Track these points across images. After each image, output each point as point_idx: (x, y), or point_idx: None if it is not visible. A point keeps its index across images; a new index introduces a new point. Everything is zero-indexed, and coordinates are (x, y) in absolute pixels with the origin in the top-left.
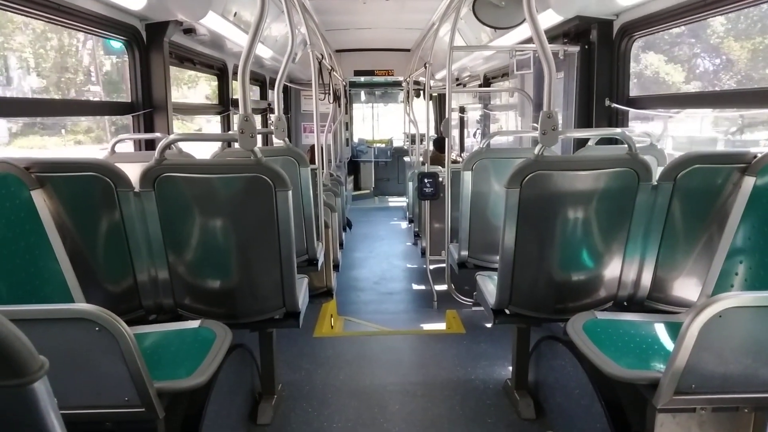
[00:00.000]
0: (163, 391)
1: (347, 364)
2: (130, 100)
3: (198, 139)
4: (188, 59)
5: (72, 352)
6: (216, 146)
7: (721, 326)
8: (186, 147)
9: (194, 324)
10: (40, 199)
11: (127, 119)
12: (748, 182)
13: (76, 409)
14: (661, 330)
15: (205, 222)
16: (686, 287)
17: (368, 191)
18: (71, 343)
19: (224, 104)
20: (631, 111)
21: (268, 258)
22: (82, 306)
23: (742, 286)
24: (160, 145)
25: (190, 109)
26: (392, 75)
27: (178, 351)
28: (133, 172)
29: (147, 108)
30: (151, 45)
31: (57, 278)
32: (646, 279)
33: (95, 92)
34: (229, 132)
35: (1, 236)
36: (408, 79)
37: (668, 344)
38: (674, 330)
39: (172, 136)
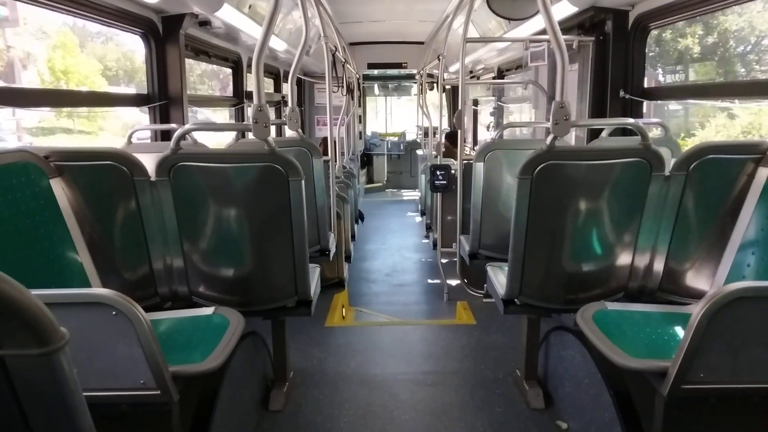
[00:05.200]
0: (177, 374)
1: (358, 353)
2: (146, 92)
3: (212, 129)
4: (203, 52)
5: (89, 336)
6: (230, 138)
7: (731, 316)
8: (200, 139)
9: (208, 311)
10: (58, 187)
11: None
12: (762, 173)
13: (93, 391)
14: (671, 320)
15: (219, 210)
16: (698, 278)
17: (381, 184)
18: (89, 327)
19: (239, 96)
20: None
21: (281, 246)
22: (99, 291)
23: (754, 277)
24: (175, 135)
25: (205, 101)
26: (405, 68)
27: (192, 336)
28: (149, 161)
29: (163, 100)
30: (167, 37)
31: (75, 265)
32: (658, 270)
33: None
34: (243, 122)
35: (20, 224)
36: (421, 72)
37: (678, 334)
38: (684, 320)
39: (187, 126)
